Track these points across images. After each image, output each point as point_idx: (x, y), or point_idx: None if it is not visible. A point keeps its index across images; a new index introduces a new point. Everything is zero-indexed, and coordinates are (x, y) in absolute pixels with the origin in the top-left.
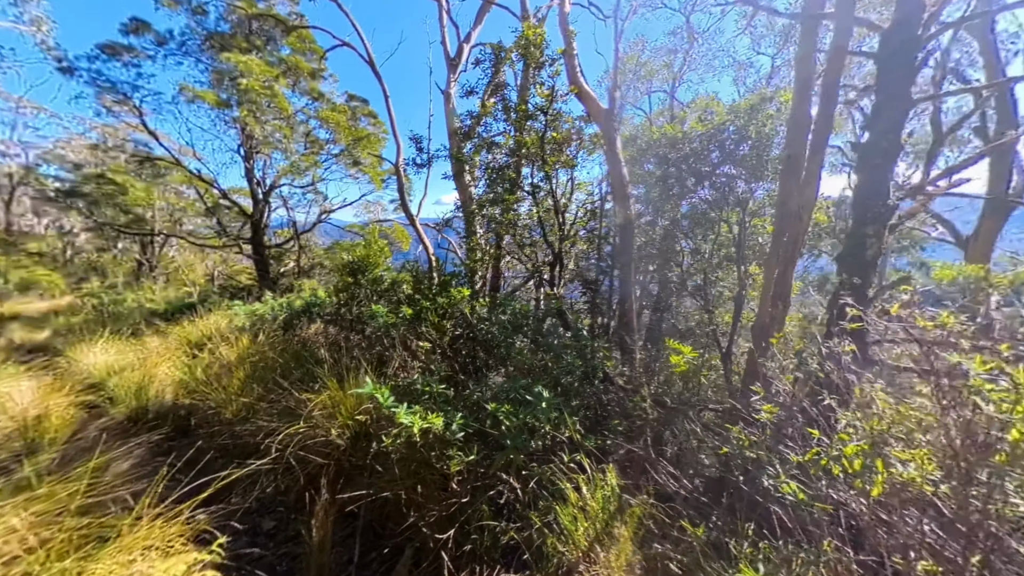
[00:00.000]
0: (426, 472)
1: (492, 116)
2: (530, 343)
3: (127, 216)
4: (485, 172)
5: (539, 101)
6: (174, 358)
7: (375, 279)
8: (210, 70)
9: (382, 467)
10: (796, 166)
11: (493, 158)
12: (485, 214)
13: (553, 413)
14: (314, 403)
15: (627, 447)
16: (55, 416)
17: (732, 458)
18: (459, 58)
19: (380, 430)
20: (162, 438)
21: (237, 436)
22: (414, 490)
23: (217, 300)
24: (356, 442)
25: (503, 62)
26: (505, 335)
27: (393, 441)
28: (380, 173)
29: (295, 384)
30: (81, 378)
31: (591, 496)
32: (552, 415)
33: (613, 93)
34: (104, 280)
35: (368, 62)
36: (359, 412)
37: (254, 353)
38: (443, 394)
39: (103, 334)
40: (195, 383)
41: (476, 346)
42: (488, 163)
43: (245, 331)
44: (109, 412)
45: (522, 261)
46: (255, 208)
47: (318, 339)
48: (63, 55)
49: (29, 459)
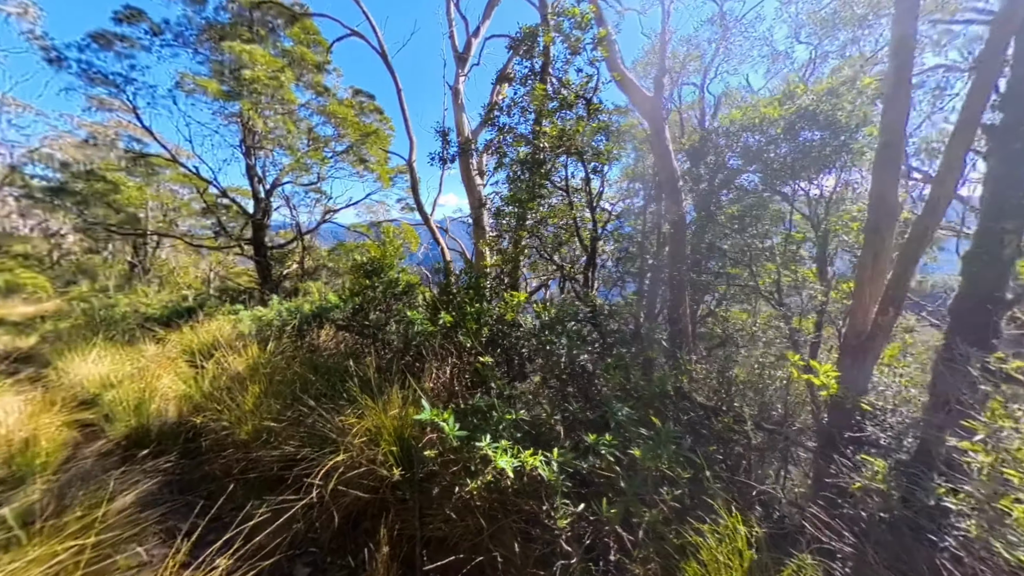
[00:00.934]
0: (514, 521)
1: (520, 105)
2: (594, 356)
3: (119, 216)
4: (510, 166)
5: (564, 92)
6: (176, 369)
7: (391, 281)
8: (209, 62)
9: (455, 511)
10: (894, 155)
11: (532, 151)
12: (509, 211)
13: (671, 447)
14: (356, 428)
15: (743, 481)
16: (45, 439)
17: (882, 497)
18: (468, 53)
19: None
20: (170, 465)
21: (256, 462)
22: (500, 542)
23: (217, 304)
24: (409, 474)
25: (534, 48)
26: (575, 348)
27: (477, 485)
28: (388, 171)
29: (320, 401)
30: (73, 392)
31: (721, 551)
32: (671, 451)
33: (661, 80)
34: (94, 283)
35: (380, 53)
36: (408, 435)
37: (265, 363)
38: (524, 421)
39: (95, 341)
40: (202, 398)
41: (528, 360)
42: (524, 156)
43: (252, 338)
44: (106, 432)
45: (554, 262)
46: (256, 207)
47: (333, 347)
48: (51, 45)
49: (15, 496)
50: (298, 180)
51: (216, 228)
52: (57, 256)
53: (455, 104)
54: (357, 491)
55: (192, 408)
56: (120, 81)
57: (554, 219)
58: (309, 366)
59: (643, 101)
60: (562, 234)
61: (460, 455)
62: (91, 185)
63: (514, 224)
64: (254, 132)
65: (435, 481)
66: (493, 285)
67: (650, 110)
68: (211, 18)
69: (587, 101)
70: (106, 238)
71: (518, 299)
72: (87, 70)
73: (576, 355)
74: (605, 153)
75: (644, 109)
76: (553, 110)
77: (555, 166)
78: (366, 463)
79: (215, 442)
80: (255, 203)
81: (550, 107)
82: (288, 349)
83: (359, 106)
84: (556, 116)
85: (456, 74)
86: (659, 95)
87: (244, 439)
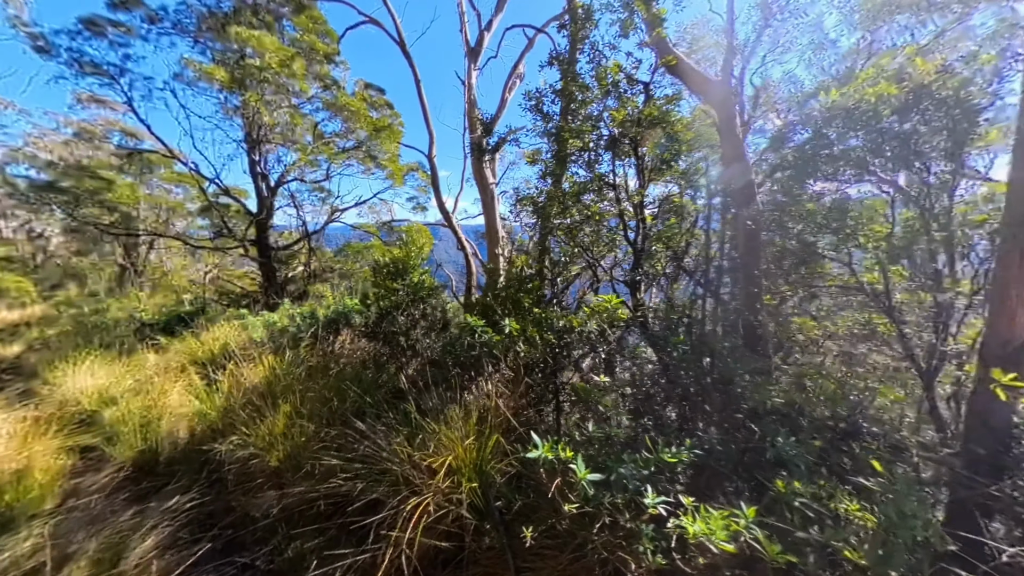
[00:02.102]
0: None
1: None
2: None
3: (112, 215)
4: (552, 159)
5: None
6: (183, 381)
7: (417, 285)
8: (210, 52)
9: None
10: None
11: (587, 143)
12: (543, 208)
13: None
14: (430, 461)
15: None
16: (39, 469)
17: None
18: (480, 47)
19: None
20: (189, 499)
21: (292, 495)
22: None
23: (219, 308)
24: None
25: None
26: (685, 359)
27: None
28: (401, 168)
29: (363, 419)
30: (68, 410)
31: None
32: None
33: (731, 62)
34: (83, 287)
35: (398, 42)
36: (489, 468)
37: (285, 375)
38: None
39: (89, 350)
40: (218, 416)
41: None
42: (586, 144)
43: (267, 346)
44: (109, 456)
45: (598, 263)
46: (260, 206)
47: (357, 355)
48: (39, 32)
49: (7, 544)
50: (304, 176)
51: (218, 228)
52: (42, 259)
53: (467, 98)
54: (434, 539)
55: (208, 428)
56: (114, 71)
57: (599, 216)
58: (338, 379)
59: (708, 87)
60: (607, 234)
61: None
62: (82, 182)
63: (547, 221)
64: (259, 125)
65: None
66: (537, 287)
67: (718, 96)
68: (212, 5)
69: (645, 86)
70: (96, 239)
71: (609, 303)
72: (78, 59)
73: (712, 369)
74: (684, 142)
75: (710, 96)
76: (607, 92)
77: (601, 158)
78: (444, 503)
79: (243, 472)
80: (258, 201)
81: (597, 92)
82: (309, 359)
83: (369, 100)
84: (610, 100)
85: (468, 68)
86: (728, 79)
87: (275, 466)
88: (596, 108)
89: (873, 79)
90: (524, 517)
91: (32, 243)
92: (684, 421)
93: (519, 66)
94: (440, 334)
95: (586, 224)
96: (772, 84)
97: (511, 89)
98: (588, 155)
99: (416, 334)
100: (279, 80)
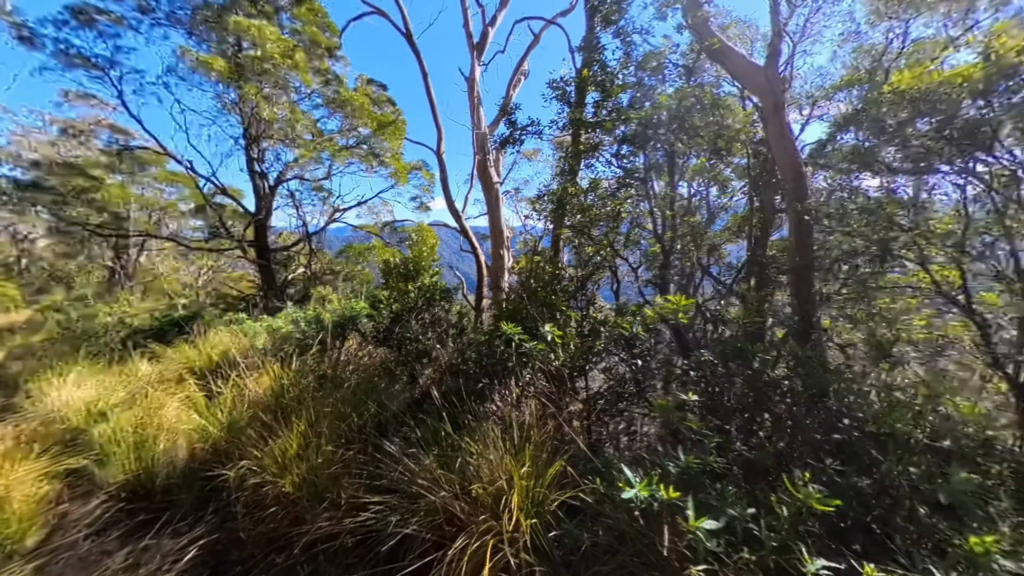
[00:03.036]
0: None
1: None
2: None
3: (101, 215)
4: (573, 148)
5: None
6: (181, 393)
7: (430, 287)
8: (206, 44)
9: None
10: None
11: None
12: (566, 204)
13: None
14: (484, 494)
15: None
16: (19, 498)
17: None
18: (484, 42)
19: None
20: (197, 538)
21: (312, 524)
22: None
23: (215, 313)
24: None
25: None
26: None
27: None
28: (405, 166)
29: (385, 435)
30: (53, 427)
31: None
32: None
33: (778, 46)
34: (70, 291)
35: (405, 34)
36: (548, 504)
37: (294, 386)
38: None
39: (76, 359)
40: (221, 433)
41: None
42: (625, 136)
43: (270, 354)
44: (99, 480)
45: (624, 260)
46: (259, 205)
47: (367, 361)
48: (22, 22)
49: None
50: (304, 175)
51: (214, 229)
52: (26, 263)
53: (471, 94)
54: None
55: (210, 447)
56: (103, 63)
57: (626, 214)
58: (354, 391)
59: (752, 73)
60: (634, 233)
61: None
62: (68, 181)
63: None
64: (258, 121)
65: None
66: (564, 289)
67: (764, 83)
68: None
69: (687, 70)
70: (83, 241)
71: (679, 303)
72: (65, 50)
73: (800, 381)
74: (726, 134)
75: (753, 83)
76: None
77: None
78: (498, 544)
79: (252, 499)
80: (257, 201)
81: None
82: (318, 367)
83: (371, 96)
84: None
85: (472, 64)
86: (774, 65)
87: (290, 492)
88: (625, 99)
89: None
90: (593, 561)
91: (16, 245)
92: (773, 445)
93: (524, 63)
94: (456, 339)
95: (612, 221)
96: (814, 71)
97: (516, 86)
98: (617, 148)
99: (432, 339)
100: (280, 72)
